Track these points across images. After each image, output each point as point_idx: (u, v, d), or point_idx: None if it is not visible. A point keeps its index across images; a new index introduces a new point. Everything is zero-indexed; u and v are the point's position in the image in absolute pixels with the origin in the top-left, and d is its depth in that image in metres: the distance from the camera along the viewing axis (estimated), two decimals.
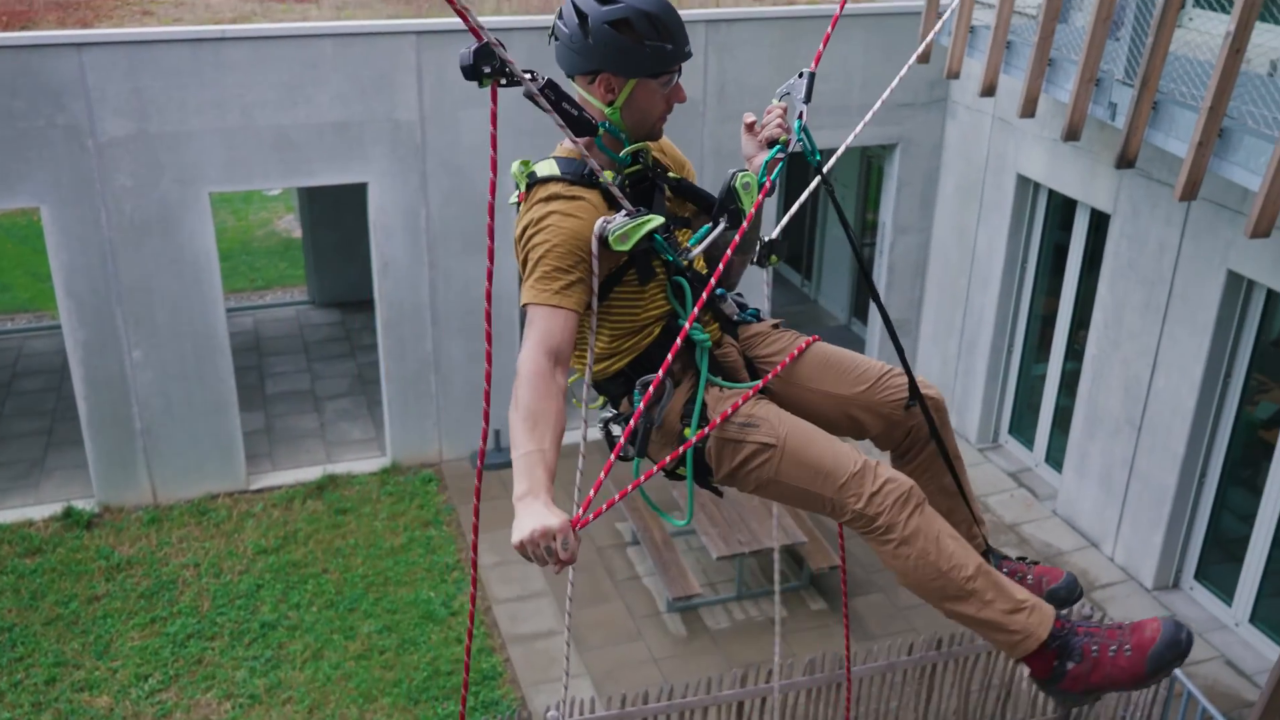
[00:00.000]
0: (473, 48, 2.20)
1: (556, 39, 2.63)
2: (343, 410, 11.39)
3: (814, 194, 2.81)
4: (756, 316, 2.99)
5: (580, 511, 2.23)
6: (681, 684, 6.39)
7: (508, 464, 10.70)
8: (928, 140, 10.75)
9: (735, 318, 2.93)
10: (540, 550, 2.10)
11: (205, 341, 9.37)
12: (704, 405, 2.75)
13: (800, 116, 2.79)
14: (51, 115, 8.40)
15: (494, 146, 2.29)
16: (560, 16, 2.62)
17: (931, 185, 10.95)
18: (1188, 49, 7.01)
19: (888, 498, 2.62)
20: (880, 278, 11.32)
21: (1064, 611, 2.83)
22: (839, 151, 3.03)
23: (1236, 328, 7.82)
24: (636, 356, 2.77)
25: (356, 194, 9.64)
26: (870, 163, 12.63)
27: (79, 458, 9.75)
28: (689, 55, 2.67)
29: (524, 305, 2.54)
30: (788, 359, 2.86)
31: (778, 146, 2.78)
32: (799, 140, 2.79)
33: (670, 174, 2.83)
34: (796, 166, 2.86)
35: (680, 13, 2.64)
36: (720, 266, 2.57)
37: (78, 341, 9.03)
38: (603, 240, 2.53)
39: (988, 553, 3.04)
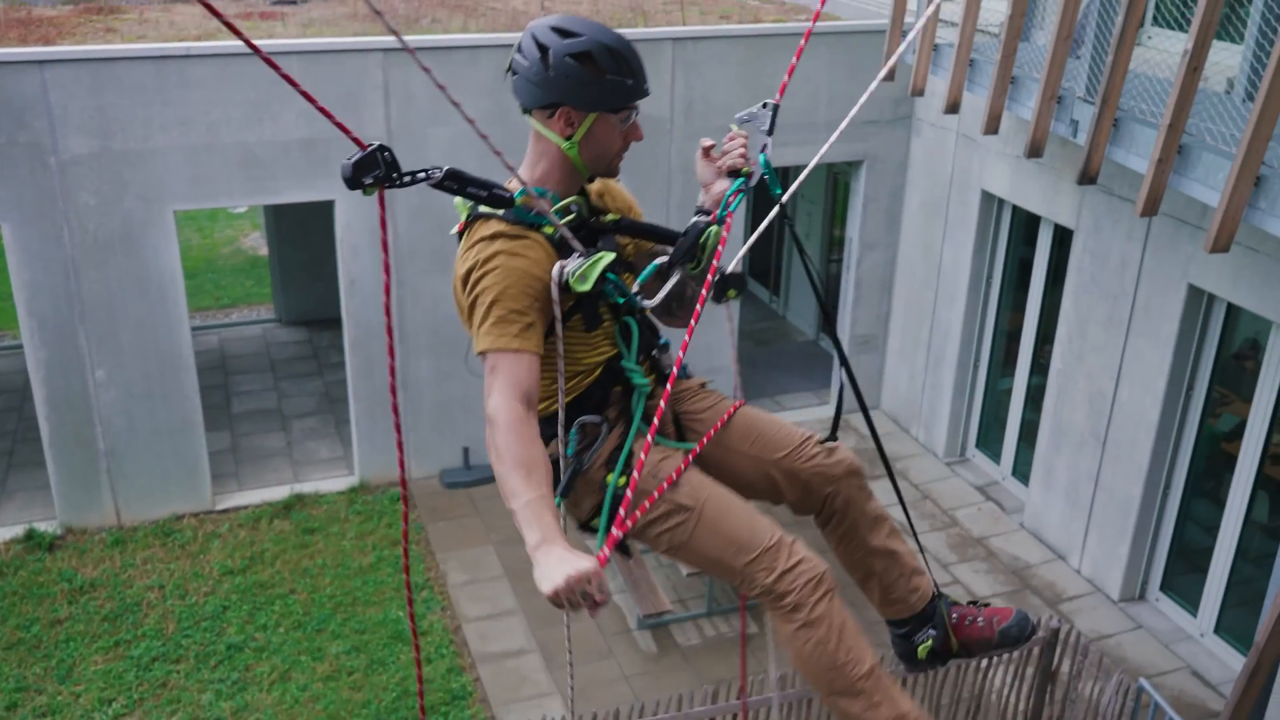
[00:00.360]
0: (353, 158, 2.16)
1: (514, 73, 2.61)
2: (310, 429, 11.30)
3: (781, 212, 2.83)
4: (686, 373, 2.98)
5: (606, 550, 2.22)
6: (652, 701, 6.37)
7: (474, 482, 10.54)
8: (893, 157, 10.84)
9: (668, 371, 2.91)
10: (576, 596, 2.07)
11: (170, 360, 9.28)
12: (630, 454, 2.73)
13: (764, 149, 2.80)
14: (13, 133, 8.31)
15: (385, 249, 2.28)
16: (519, 50, 2.60)
17: (897, 201, 11.04)
18: (1147, 67, 7.12)
19: (800, 577, 2.62)
20: (847, 293, 11.39)
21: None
22: (801, 175, 3.05)
23: (1198, 341, 7.93)
24: (576, 396, 2.73)
25: (323, 211, 9.60)
26: (837, 179, 12.72)
27: (41, 479, 9.62)
28: (648, 92, 2.66)
29: (482, 352, 2.48)
30: (720, 422, 2.87)
31: (740, 179, 2.78)
32: (764, 173, 2.79)
33: (609, 217, 2.79)
34: (759, 195, 2.86)
35: (647, 30, 2.66)
36: (693, 323, 2.59)
37: (40, 361, 8.92)
38: (562, 284, 2.51)
39: (936, 598, 3.06)
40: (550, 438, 2.73)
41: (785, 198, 2.81)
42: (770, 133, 2.78)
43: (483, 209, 2.56)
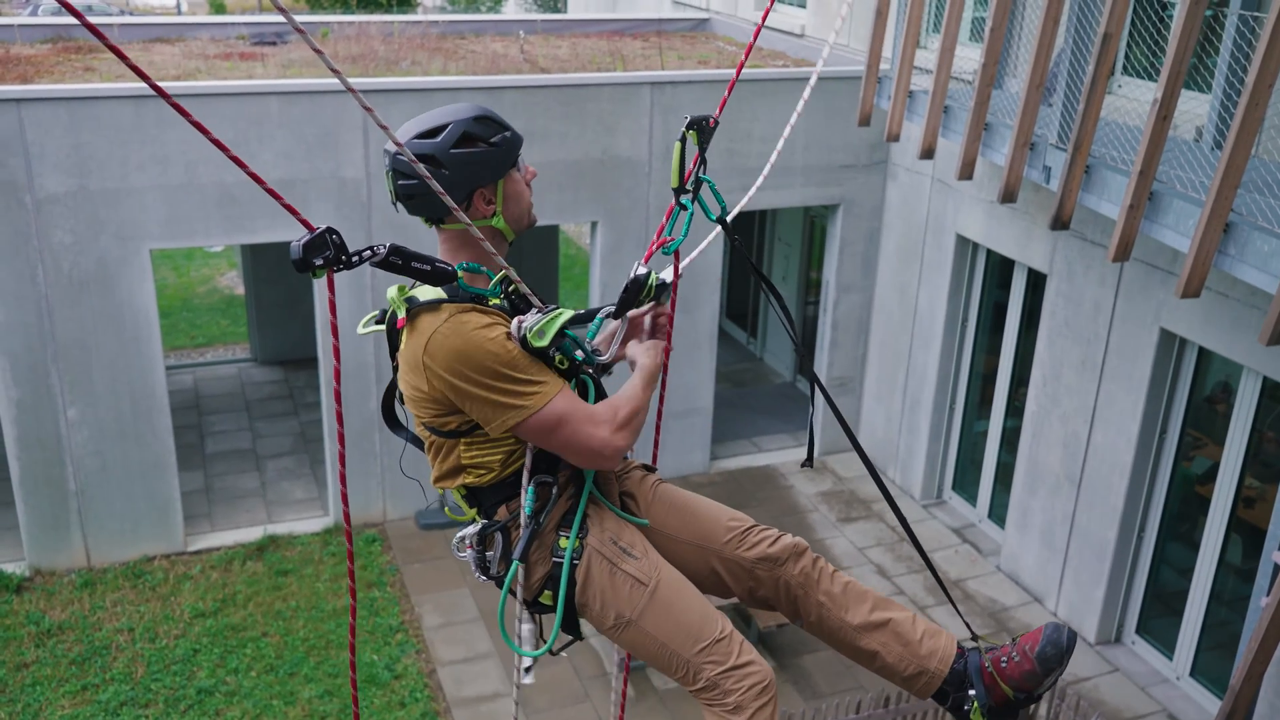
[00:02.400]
0: (302, 240, 2.18)
1: (410, 198, 2.59)
2: (285, 469, 11.22)
3: (757, 251, 2.86)
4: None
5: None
6: None
7: (449, 524, 10.53)
8: (869, 201, 10.94)
9: None
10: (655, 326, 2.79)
11: (143, 400, 9.21)
12: (585, 515, 2.71)
13: (704, 168, 2.83)
14: None
15: (335, 334, 2.32)
16: (401, 177, 2.57)
17: (873, 245, 11.13)
18: (1118, 115, 7.23)
19: (747, 678, 2.57)
20: (824, 336, 11.44)
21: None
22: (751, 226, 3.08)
23: (1170, 385, 7.99)
24: (528, 461, 2.70)
25: None
26: (814, 223, 12.82)
27: (9, 519, 9.49)
28: (521, 137, 2.70)
29: (536, 411, 2.49)
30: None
31: (687, 204, 2.84)
32: (709, 185, 2.86)
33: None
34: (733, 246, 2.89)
35: (625, 74, 2.70)
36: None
37: (11, 400, 8.83)
38: (521, 340, 2.50)
39: (963, 654, 2.86)
40: (511, 498, 2.72)
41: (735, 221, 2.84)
42: (703, 152, 2.83)
43: (422, 298, 2.54)
